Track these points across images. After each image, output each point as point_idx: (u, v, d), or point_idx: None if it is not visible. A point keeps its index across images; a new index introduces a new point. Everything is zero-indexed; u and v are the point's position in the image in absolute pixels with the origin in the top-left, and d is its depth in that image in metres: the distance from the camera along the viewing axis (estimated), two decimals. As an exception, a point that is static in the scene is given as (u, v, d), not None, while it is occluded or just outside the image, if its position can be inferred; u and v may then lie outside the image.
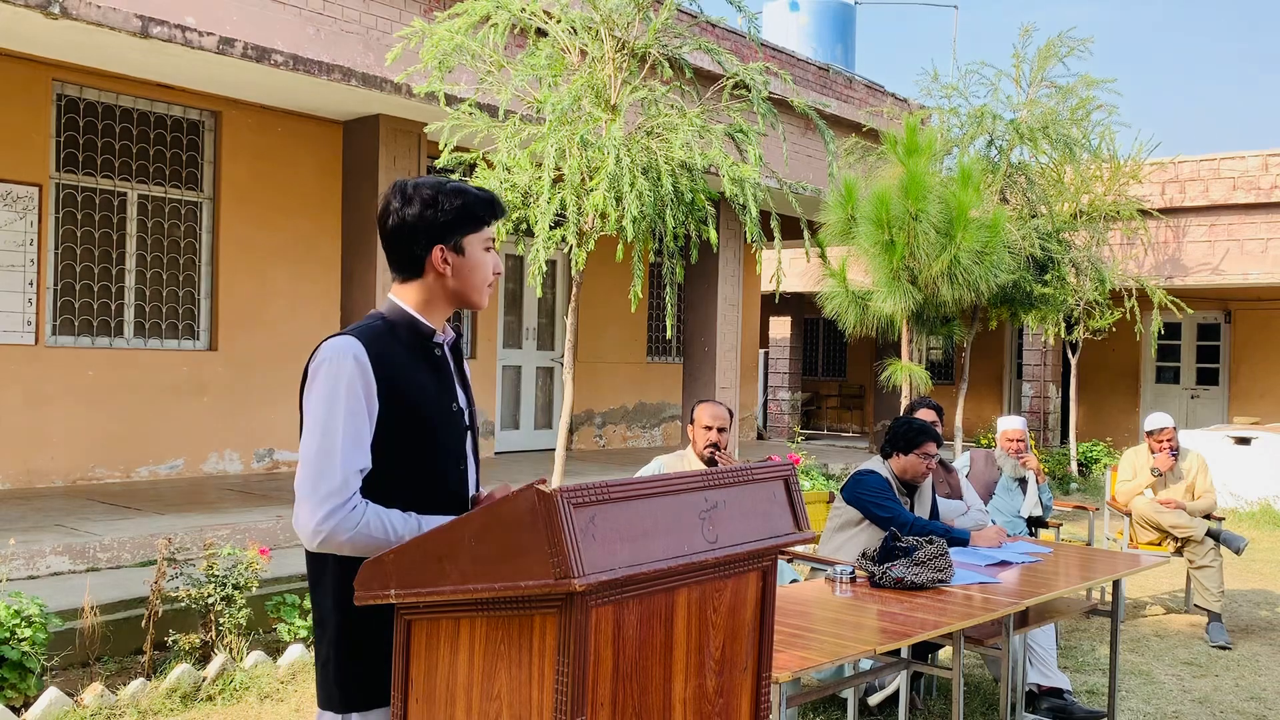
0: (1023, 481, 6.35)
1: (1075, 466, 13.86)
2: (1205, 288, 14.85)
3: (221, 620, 4.94)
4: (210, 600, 4.94)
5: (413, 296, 2.18)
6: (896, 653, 3.96)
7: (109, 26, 6.16)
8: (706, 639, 2.00)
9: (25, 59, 7.35)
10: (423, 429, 2.12)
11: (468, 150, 6.63)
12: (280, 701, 4.67)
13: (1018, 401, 17.87)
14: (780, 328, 19.58)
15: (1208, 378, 16.99)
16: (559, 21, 6.47)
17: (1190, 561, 6.62)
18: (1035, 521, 6.35)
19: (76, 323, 7.93)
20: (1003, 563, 4.45)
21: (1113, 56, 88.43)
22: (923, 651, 4.56)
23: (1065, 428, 15.89)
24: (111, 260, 8.11)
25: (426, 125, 7.12)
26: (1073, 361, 13.95)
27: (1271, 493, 11.42)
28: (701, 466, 4.72)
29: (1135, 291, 12.99)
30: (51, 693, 4.25)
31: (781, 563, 4.76)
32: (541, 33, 6.73)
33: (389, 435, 2.07)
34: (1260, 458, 11.50)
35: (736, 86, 6.84)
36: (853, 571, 4.03)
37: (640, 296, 6.57)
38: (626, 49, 6.47)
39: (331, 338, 2.10)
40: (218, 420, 8.58)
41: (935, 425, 5.33)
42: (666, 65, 6.70)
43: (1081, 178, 12.47)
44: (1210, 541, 6.57)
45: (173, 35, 6.44)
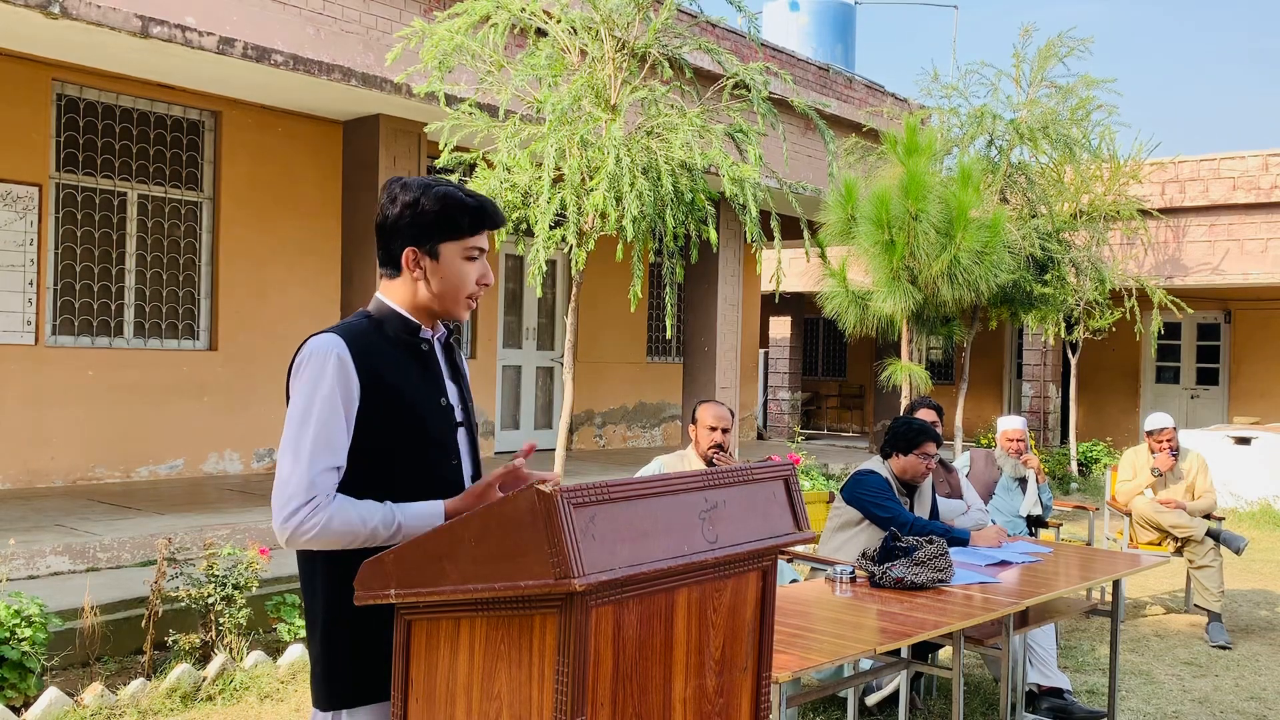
0: (1023, 481, 6.35)
1: (1075, 466, 13.86)
2: (1205, 288, 14.85)
3: (221, 620, 4.93)
4: (210, 600, 4.94)
5: (397, 294, 2.18)
6: (896, 653, 3.96)
7: (109, 26, 6.16)
8: (706, 639, 2.00)
9: (25, 59, 7.35)
10: (409, 424, 2.12)
11: (468, 150, 6.63)
12: (280, 701, 4.67)
13: (1018, 401, 17.87)
14: (780, 328, 19.58)
15: (1208, 378, 16.98)
16: (559, 21, 6.47)
17: (1190, 561, 6.62)
18: (1035, 521, 6.35)
19: (76, 323, 7.93)
20: (1003, 563, 4.45)
21: (1113, 56, 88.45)
22: (923, 651, 4.56)
23: (1065, 428, 15.89)
24: (111, 260, 8.11)
25: (426, 125, 7.12)
26: (1073, 361, 13.95)
27: (1271, 493, 11.42)
28: (702, 466, 4.72)
29: (1135, 291, 12.99)
30: (51, 693, 4.26)
31: (781, 563, 4.76)
32: (541, 33, 6.73)
33: (376, 430, 2.07)
34: (1260, 458, 11.50)
35: (736, 86, 6.84)
36: (853, 571, 4.03)
37: (640, 296, 6.57)
38: (626, 49, 6.47)
39: (315, 335, 2.11)
40: (218, 420, 8.58)
41: (935, 425, 5.33)
42: (666, 65, 6.70)
43: (1081, 178, 12.47)
44: (1210, 541, 6.57)
45: (173, 35, 6.44)
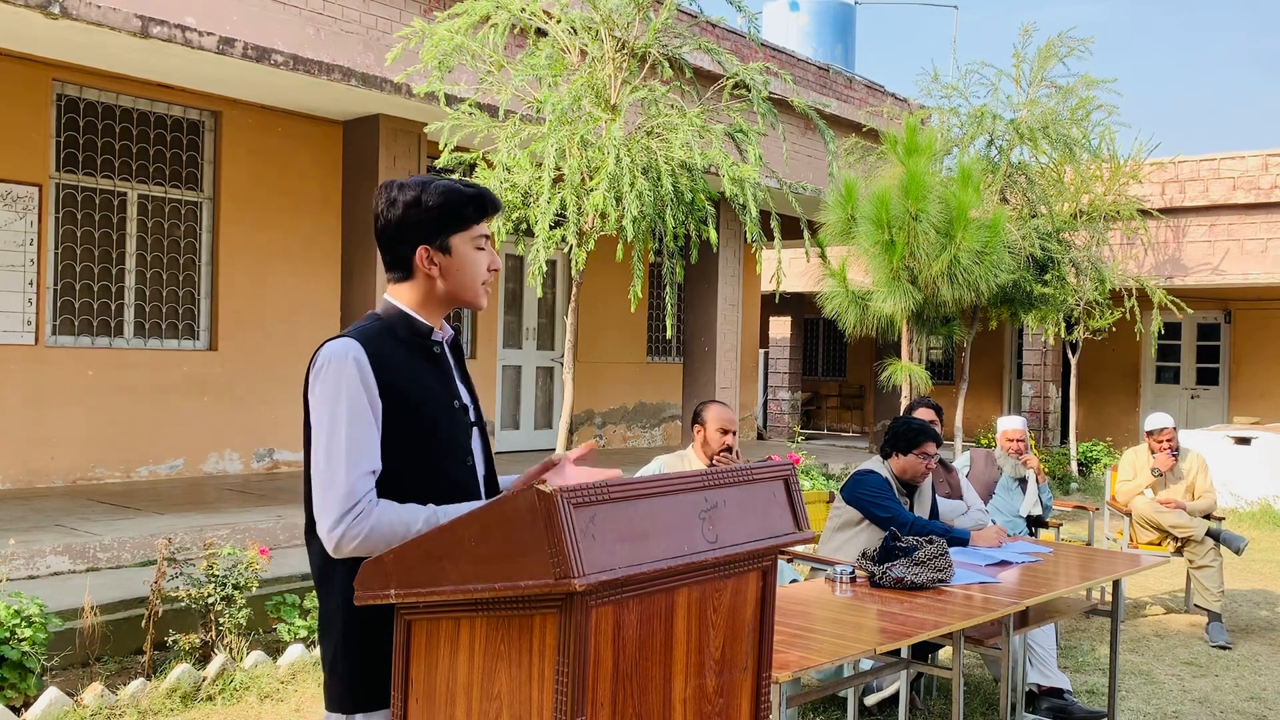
0: (1023, 481, 6.35)
1: (1075, 466, 13.86)
2: (1205, 288, 14.85)
3: (221, 620, 4.94)
4: (210, 600, 4.94)
5: (407, 296, 2.18)
6: (896, 653, 3.96)
7: (109, 26, 6.16)
8: (706, 639, 2.00)
9: (25, 59, 7.35)
10: (425, 426, 2.11)
11: (468, 150, 6.63)
12: (280, 701, 4.67)
13: (1018, 401, 17.87)
14: (780, 328, 19.58)
15: (1208, 378, 16.99)
16: (559, 21, 6.48)
17: (1190, 561, 6.62)
18: (1035, 521, 6.35)
19: (76, 323, 7.93)
20: (1003, 563, 4.45)
21: (1113, 57, 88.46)
22: (923, 651, 4.56)
23: (1065, 428, 15.89)
24: (111, 260, 8.11)
25: (426, 125, 7.12)
26: (1073, 361, 13.95)
27: (1271, 493, 11.42)
28: (702, 466, 4.72)
29: (1135, 291, 12.99)
30: (51, 693, 4.26)
31: (781, 563, 4.76)
32: (541, 33, 6.73)
33: (392, 434, 2.07)
34: (1260, 458, 11.50)
35: (736, 86, 6.84)
36: (853, 571, 4.03)
37: (640, 296, 6.57)
38: (626, 49, 6.47)
39: (330, 341, 2.10)
40: (218, 420, 8.58)
41: (934, 424, 5.33)
42: (666, 65, 6.70)
43: (1081, 178, 12.47)
44: (1210, 541, 6.57)
45: (173, 35, 6.44)
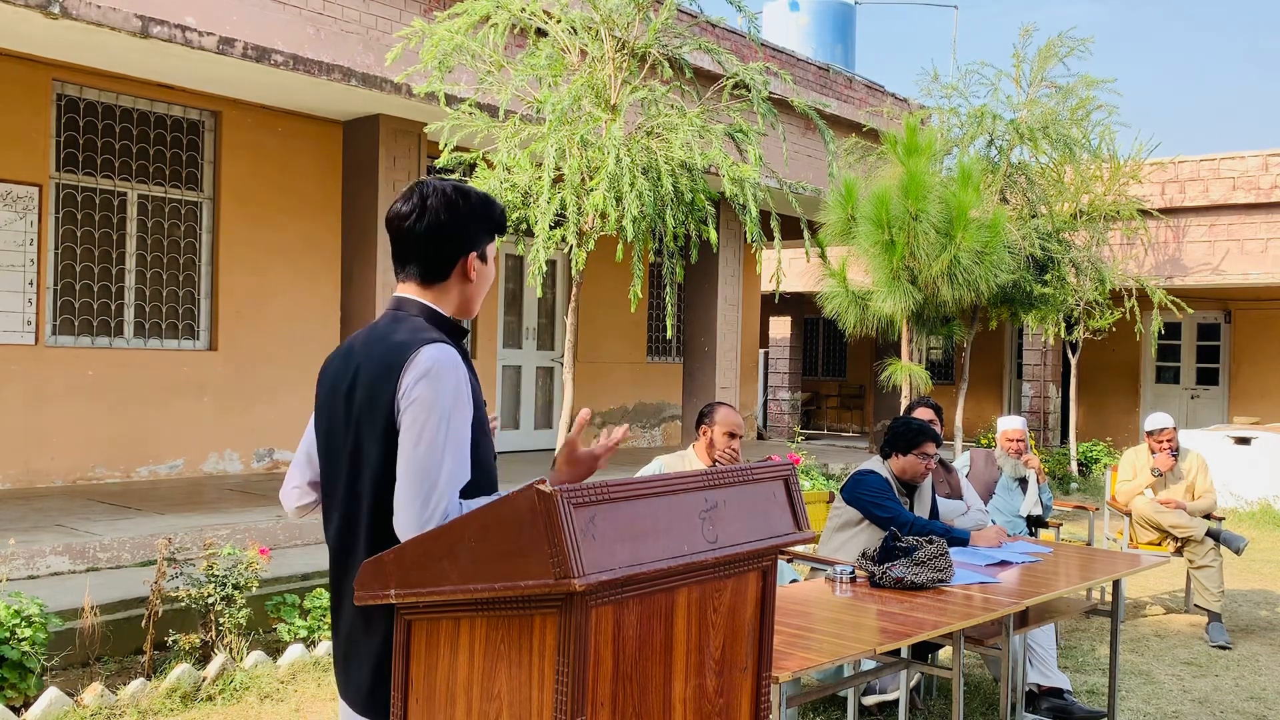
0: (1023, 481, 6.35)
1: (1075, 466, 13.86)
2: (1205, 288, 14.85)
3: (221, 620, 4.94)
4: (210, 600, 4.94)
5: (445, 302, 2.17)
6: (896, 653, 3.96)
7: (109, 26, 6.16)
8: (706, 639, 2.00)
9: (25, 59, 7.35)
10: (485, 432, 2.13)
11: (468, 150, 6.63)
12: (280, 701, 4.67)
13: (1018, 401, 17.87)
14: (780, 328, 19.58)
15: (1208, 378, 16.99)
16: (559, 21, 6.48)
17: (1190, 561, 6.62)
18: (1035, 521, 6.35)
19: (76, 323, 7.93)
20: (1003, 563, 4.45)
21: (1113, 56, 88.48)
22: (923, 651, 4.56)
23: (1065, 428, 15.89)
24: (111, 260, 8.11)
25: (426, 125, 7.12)
26: (1073, 361, 13.95)
27: (1271, 493, 11.42)
28: (702, 466, 4.71)
29: (1135, 291, 12.98)
30: (51, 693, 4.26)
31: (781, 563, 4.76)
32: (541, 33, 6.73)
33: (472, 441, 2.08)
34: (1260, 458, 11.50)
35: (736, 86, 6.84)
36: (853, 571, 4.03)
37: (640, 296, 6.57)
38: (626, 49, 6.47)
39: (431, 344, 2.03)
40: (218, 420, 8.58)
41: (934, 424, 5.33)
42: (666, 65, 6.70)
43: (1081, 178, 12.47)
44: (1210, 541, 6.57)
45: (173, 35, 6.44)
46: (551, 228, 6.15)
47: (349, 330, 8.66)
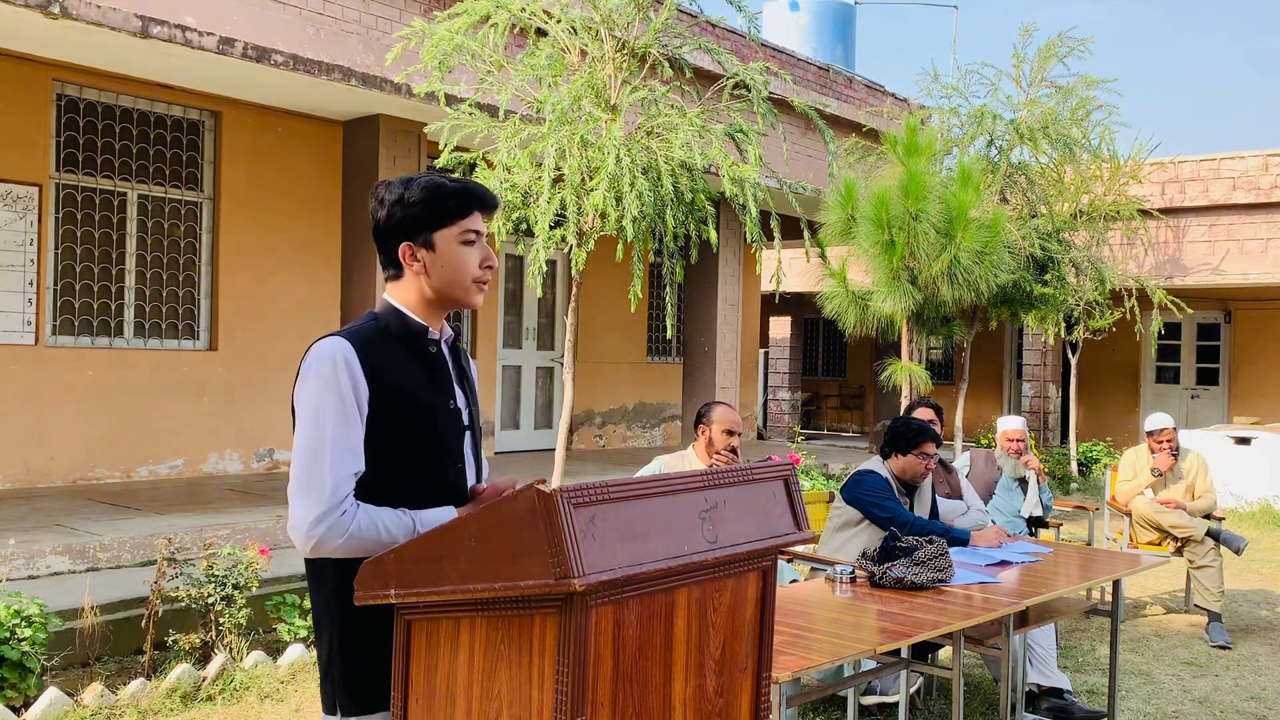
0: (1023, 481, 6.35)
1: (1075, 466, 13.86)
2: (1205, 288, 14.85)
3: (221, 620, 4.93)
4: (210, 600, 4.94)
5: (402, 294, 2.18)
6: (896, 653, 3.96)
7: (109, 26, 6.16)
8: (706, 639, 2.00)
9: (25, 59, 7.35)
10: (416, 427, 2.11)
11: (468, 150, 6.63)
12: (280, 701, 4.67)
13: (1018, 401, 17.87)
14: (780, 328, 19.58)
15: (1208, 378, 16.99)
16: (559, 21, 6.48)
17: (1190, 561, 6.62)
18: (1035, 521, 6.35)
19: (76, 323, 7.93)
20: (1003, 563, 4.45)
21: (1113, 57, 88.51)
22: (923, 651, 4.56)
23: (1065, 428, 15.89)
24: (111, 260, 8.11)
25: (426, 125, 7.12)
26: (1073, 361, 13.95)
27: (1271, 493, 11.42)
28: (703, 467, 4.71)
29: (1135, 291, 12.98)
30: (51, 693, 4.26)
31: (781, 563, 4.76)
32: (541, 33, 6.73)
33: (383, 434, 2.06)
34: (1260, 458, 11.50)
35: (736, 86, 6.84)
36: (853, 571, 4.03)
37: (640, 296, 6.57)
38: (626, 49, 6.47)
39: (321, 339, 2.10)
40: (218, 420, 8.58)
41: (934, 424, 5.33)
42: (666, 65, 6.70)
43: (1081, 178, 12.46)
44: (1210, 541, 6.57)
45: (173, 35, 6.44)
46: (551, 228, 6.15)
47: (349, 330, 8.64)
